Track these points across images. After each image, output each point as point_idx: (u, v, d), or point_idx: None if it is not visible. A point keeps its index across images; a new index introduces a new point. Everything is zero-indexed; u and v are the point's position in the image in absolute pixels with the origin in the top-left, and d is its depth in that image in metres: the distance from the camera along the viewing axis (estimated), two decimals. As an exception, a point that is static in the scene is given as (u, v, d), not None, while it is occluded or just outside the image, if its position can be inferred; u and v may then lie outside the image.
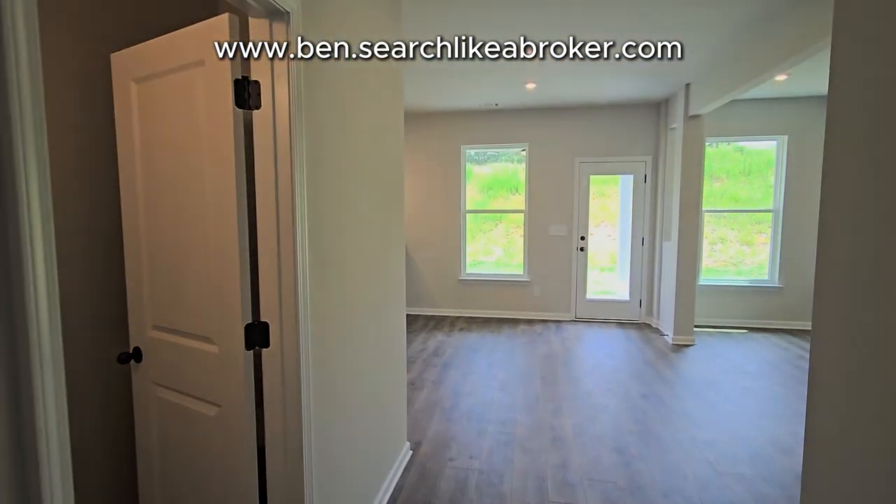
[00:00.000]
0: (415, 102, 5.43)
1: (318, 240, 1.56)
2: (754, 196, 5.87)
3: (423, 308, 6.33)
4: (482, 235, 10.50)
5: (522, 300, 6.08)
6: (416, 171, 6.17)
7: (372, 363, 2.13)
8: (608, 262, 8.93)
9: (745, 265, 5.88)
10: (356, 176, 1.92)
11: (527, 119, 5.85)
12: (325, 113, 1.62)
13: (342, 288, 1.78)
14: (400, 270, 2.59)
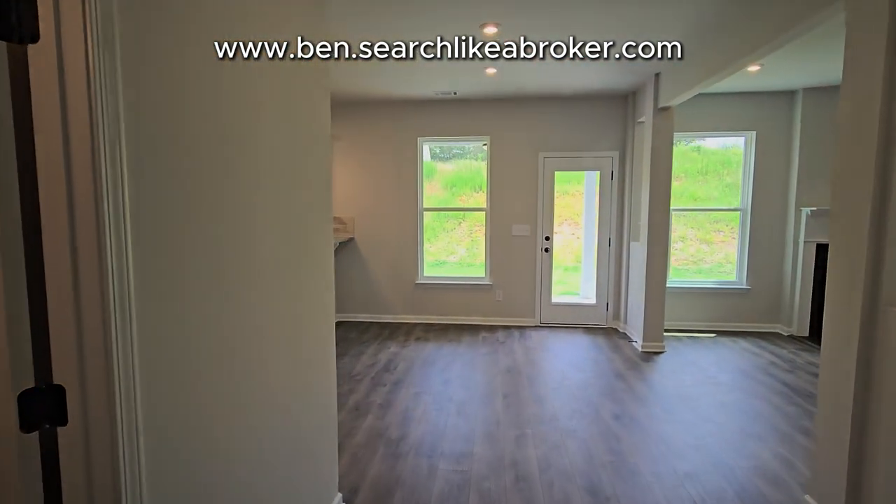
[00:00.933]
0: (363, 88, 4.89)
1: (165, 254, 1.04)
2: (711, 195, 5.72)
3: (377, 315, 5.81)
4: (445, 234, 10.05)
5: (484, 305, 5.67)
6: (367, 165, 5.64)
7: (281, 407, 1.62)
8: (572, 261, 8.68)
9: (706, 263, 5.70)
10: (250, 166, 1.41)
11: (488, 110, 5.43)
12: (178, 71, 1.10)
13: (214, 318, 1.25)
14: (323, 283, 2.08)
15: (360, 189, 5.68)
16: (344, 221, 5.75)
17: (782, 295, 5.23)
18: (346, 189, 5.69)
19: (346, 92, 5.05)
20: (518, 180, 5.47)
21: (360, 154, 5.63)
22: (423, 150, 5.66)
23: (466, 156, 7.38)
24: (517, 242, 5.54)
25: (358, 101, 5.45)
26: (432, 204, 6.82)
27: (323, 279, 2.08)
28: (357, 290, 5.80)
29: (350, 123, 5.59)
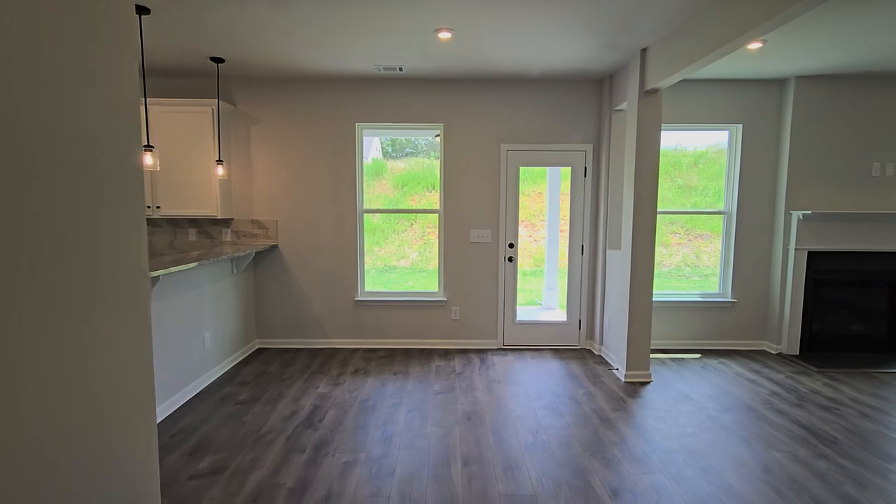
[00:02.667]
0: (286, 59, 3.86)
1: None
2: (665, 196, 5.14)
3: (307, 340, 4.77)
4: (395, 237, 9.04)
5: (438, 325, 4.76)
6: (293, 157, 4.59)
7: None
8: (530, 265, 7.97)
9: (664, 266, 5.10)
10: None
11: (442, 92, 4.53)
12: None
13: None
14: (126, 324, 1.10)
15: (285, 186, 4.62)
16: (264, 226, 4.66)
17: (770, 309, 4.68)
18: (266, 186, 4.61)
19: (265, 65, 3.99)
20: (477, 177, 4.61)
21: (285, 143, 4.57)
22: (363, 139, 4.68)
23: (420, 154, 6.50)
24: (476, 251, 4.68)
25: (280, 76, 4.39)
26: (381, 204, 5.87)
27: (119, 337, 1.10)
28: (281, 310, 4.73)
29: (271, 104, 4.52)
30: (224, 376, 3.92)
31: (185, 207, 4.28)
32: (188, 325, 3.51)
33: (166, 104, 4.18)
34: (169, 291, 3.26)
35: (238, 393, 3.58)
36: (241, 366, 4.20)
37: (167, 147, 4.23)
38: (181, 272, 3.43)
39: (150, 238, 4.63)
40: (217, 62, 3.94)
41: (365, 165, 6.93)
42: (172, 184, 4.26)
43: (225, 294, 4.09)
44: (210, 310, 3.83)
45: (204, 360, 3.72)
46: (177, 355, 3.34)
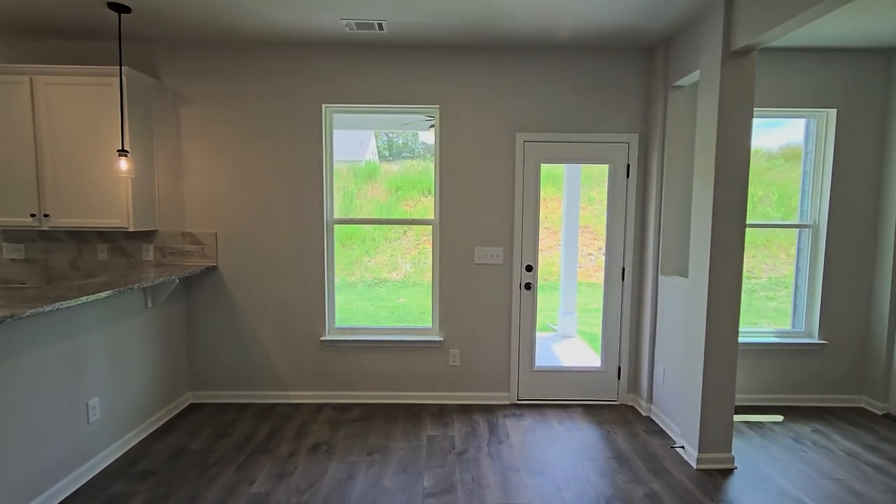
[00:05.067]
0: (225, 12, 2.69)
1: None
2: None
3: (257, 392, 3.58)
4: (388, 245, 7.82)
5: (431, 373, 3.59)
6: (238, 148, 3.42)
7: None
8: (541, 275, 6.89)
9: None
10: None
11: (437, 62, 3.38)
12: None
13: None
14: None
15: (227, 188, 3.44)
16: (199, 240, 3.48)
17: (870, 353, 3.53)
18: (201, 187, 3.44)
19: (190, 18, 2.84)
20: (484, 177, 3.46)
21: (226, 130, 3.40)
22: (331, 125, 3.51)
23: (417, 157, 5.42)
24: (483, 275, 3.52)
25: (215, 37, 3.23)
26: (372, 210, 4.75)
27: None
28: (222, 353, 3.54)
29: (205, 79, 3.36)
30: (122, 459, 2.73)
31: (85, 216, 3.10)
32: (56, 396, 2.32)
33: (55, 73, 3.00)
34: (10, 350, 2.08)
35: (130, 496, 2.38)
36: (158, 436, 3.01)
37: (57, 135, 3.05)
38: (51, 313, 2.25)
39: (44, 257, 3.44)
40: (118, 11, 2.77)
41: (357, 168, 5.74)
42: (66, 184, 3.08)
43: (131, 339, 2.91)
44: (101, 364, 2.65)
45: (86, 443, 2.52)
46: (25, 450, 2.15)
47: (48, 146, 3.05)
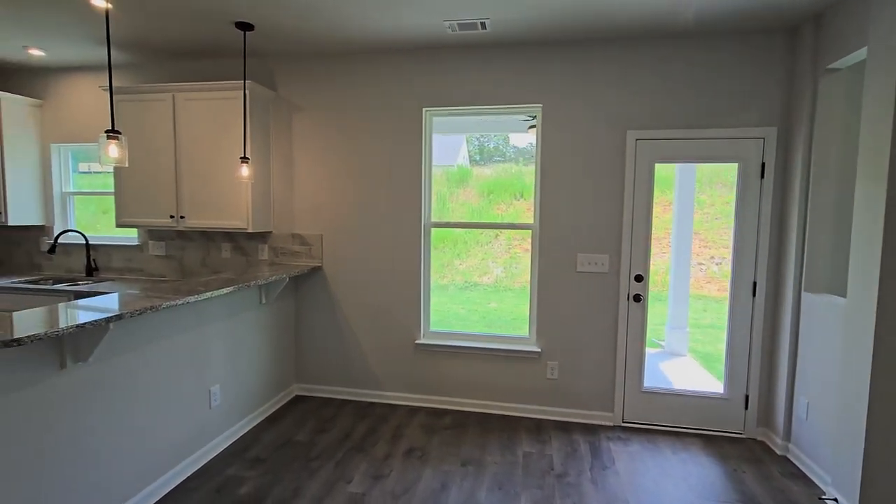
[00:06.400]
0: (320, 17, 2.81)
1: None
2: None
3: (355, 390, 3.68)
4: (479, 249, 7.77)
5: (527, 385, 3.42)
6: (342, 154, 3.55)
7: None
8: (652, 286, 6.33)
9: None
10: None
11: (540, 59, 3.22)
12: None
13: None
14: None
15: (331, 192, 3.59)
16: (306, 241, 3.67)
17: None
18: (310, 191, 3.62)
19: (303, 32, 3.00)
20: (589, 179, 3.22)
21: (332, 137, 3.55)
22: (430, 129, 3.51)
23: (508, 160, 5.33)
24: (585, 284, 3.28)
25: (324, 49, 3.38)
26: (464, 214, 4.73)
27: None
28: (325, 350, 3.70)
29: (314, 87, 3.54)
30: (237, 444, 2.94)
31: (212, 218, 3.42)
32: (185, 381, 2.56)
33: (191, 90, 3.35)
34: (154, 333, 2.32)
35: (242, 481, 2.54)
36: (267, 425, 3.21)
37: (192, 145, 3.40)
38: (183, 305, 2.49)
39: (180, 254, 3.86)
40: (244, 29, 3.01)
41: (449, 172, 5.78)
42: (197, 188, 3.42)
43: (248, 331, 3.13)
44: (223, 354, 2.88)
45: (207, 426, 2.75)
46: (157, 429, 2.39)
47: (184, 155, 3.41)
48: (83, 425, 1.98)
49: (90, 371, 2.01)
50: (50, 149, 4.02)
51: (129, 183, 3.53)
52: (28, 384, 1.76)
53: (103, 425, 2.07)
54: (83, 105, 3.93)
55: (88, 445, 2.00)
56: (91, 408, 2.01)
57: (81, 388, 1.97)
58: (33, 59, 3.74)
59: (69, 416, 1.92)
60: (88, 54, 3.59)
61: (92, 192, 4.15)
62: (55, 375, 1.86)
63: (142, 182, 3.50)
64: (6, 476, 1.69)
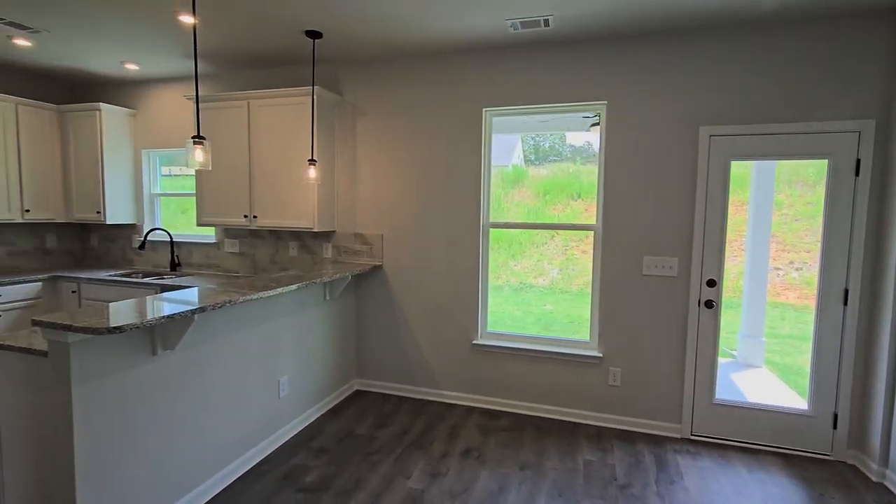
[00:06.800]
0: (383, 21, 2.88)
1: None
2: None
3: (412, 388, 3.74)
4: (534, 250, 7.73)
5: (587, 391, 3.32)
6: (402, 155, 3.62)
7: None
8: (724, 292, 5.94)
9: None
10: None
11: (604, 55, 3.12)
12: None
13: None
14: None
15: (392, 193, 3.67)
16: (367, 241, 3.78)
17: None
18: (371, 192, 3.73)
19: (367, 37, 3.09)
20: (657, 178, 3.08)
21: (393, 139, 3.63)
22: (490, 129, 3.50)
23: (564, 159, 5.22)
24: (652, 288, 3.13)
25: (386, 53, 3.46)
26: (520, 214, 4.67)
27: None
28: (384, 347, 3.79)
29: (377, 91, 3.63)
30: (303, 433, 3.08)
31: (281, 217, 3.60)
32: (257, 371, 2.71)
33: (264, 96, 3.55)
34: (231, 326, 2.48)
35: (307, 470, 2.66)
36: (330, 416, 3.33)
37: (264, 148, 3.60)
38: (256, 300, 2.65)
39: (252, 251, 4.10)
40: (313, 37, 3.15)
41: (504, 172, 5.78)
42: (268, 190, 3.62)
43: (313, 326, 3.27)
44: (291, 347, 3.02)
45: (276, 415, 2.90)
46: (233, 415, 2.55)
47: (257, 158, 3.62)
48: (171, 407, 2.15)
49: (177, 358, 2.18)
50: (141, 154, 4.41)
51: (208, 185, 3.80)
52: (126, 367, 1.94)
53: (189, 408, 2.24)
54: (169, 113, 4.28)
55: (177, 424, 2.18)
56: (177, 391, 2.18)
57: (169, 373, 2.14)
58: (129, 73, 4.12)
59: (158, 398, 2.09)
60: (175, 67, 3.91)
61: (176, 194, 4.50)
62: (148, 361, 2.03)
63: (219, 184, 3.76)
64: (109, 446, 1.87)
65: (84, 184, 4.21)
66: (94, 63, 3.86)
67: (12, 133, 3.91)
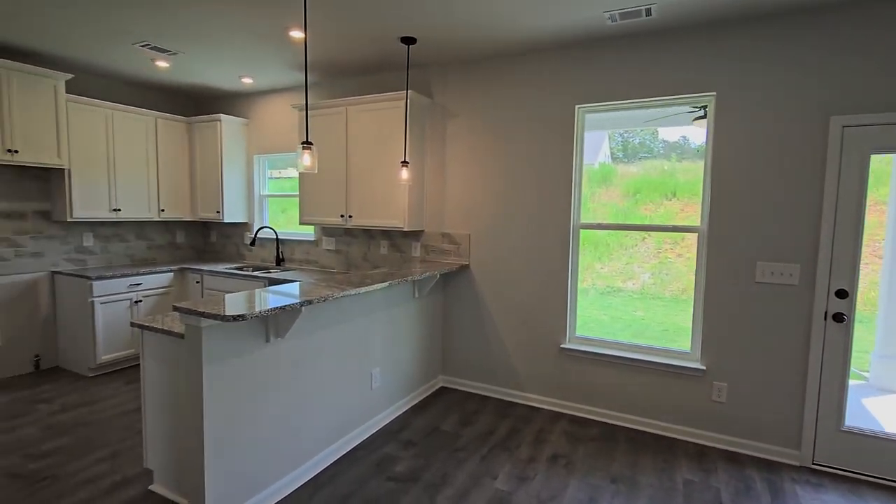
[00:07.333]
0: (475, 20, 2.89)
1: None
2: None
3: (497, 388, 3.74)
4: (623, 252, 7.37)
5: (687, 405, 3.09)
6: (490, 155, 3.62)
7: None
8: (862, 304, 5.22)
9: None
10: None
11: (712, 43, 2.87)
12: None
13: None
14: None
15: (480, 193, 3.69)
16: (455, 240, 3.83)
17: None
18: (460, 192, 3.78)
19: (460, 38, 3.13)
20: (774, 174, 2.77)
21: (482, 139, 3.65)
22: (583, 126, 3.39)
23: (656, 156, 4.90)
24: (766, 296, 2.83)
25: (477, 53, 3.48)
26: (607, 215, 4.48)
27: None
28: (469, 346, 3.82)
29: (467, 92, 3.66)
30: (392, 424, 3.20)
31: (374, 217, 3.78)
32: (352, 362, 2.87)
33: (361, 102, 3.75)
34: (330, 318, 2.66)
35: (397, 460, 2.76)
36: (417, 411, 3.43)
37: (359, 152, 3.80)
38: (350, 297, 2.81)
39: (346, 249, 4.35)
40: (408, 43, 3.26)
41: (590, 170, 5.60)
42: (362, 191, 3.81)
43: (402, 322, 3.39)
44: (382, 341, 3.16)
45: (368, 405, 3.05)
46: (332, 401, 2.72)
47: (352, 160, 3.83)
48: (281, 389, 2.35)
49: (286, 346, 2.37)
50: (253, 159, 4.87)
51: (309, 187, 4.09)
52: (245, 351, 2.15)
53: (296, 391, 2.44)
54: (276, 121, 4.68)
55: (287, 406, 2.37)
56: (286, 376, 2.38)
57: (279, 359, 2.34)
58: (244, 86, 4.56)
59: (270, 381, 2.29)
60: (282, 78, 4.26)
61: (281, 195, 4.91)
62: (262, 347, 2.24)
63: (319, 186, 4.03)
64: (231, 418, 2.09)
65: (206, 186, 4.74)
66: (217, 79, 4.33)
67: (153, 143, 4.51)
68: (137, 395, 3.62)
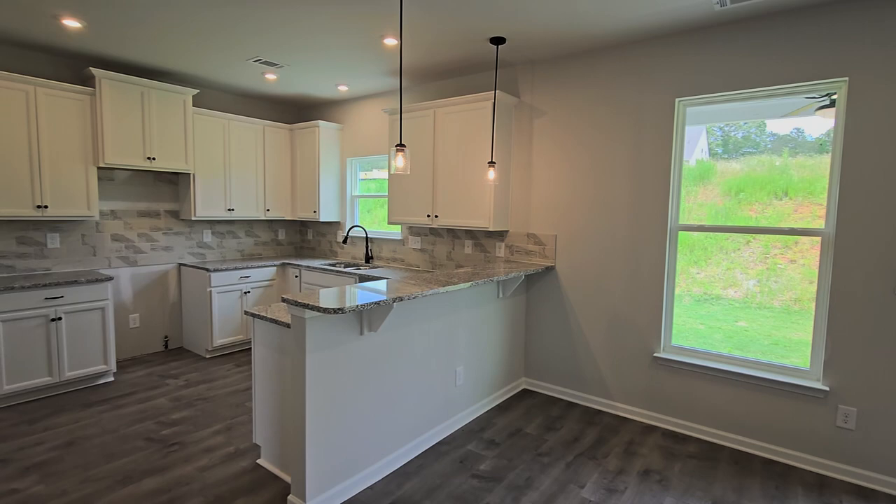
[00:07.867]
0: (567, 15, 2.80)
1: None
2: None
3: (584, 395, 3.61)
4: (722, 257, 6.80)
5: (805, 428, 2.76)
6: (579, 153, 3.50)
7: None
8: None
9: None
10: None
11: (845, 23, 2.53)
12: None
13: None
14: None
15: (567, 193, 3.59)
16: (540, 241, 3.77)
17: None
18: (546, 192, 3.70)
19: (550, 36, 3.07)
20: (926, 169, 2.38)
21: (571, 137, 3.54)
22: (684, 124, 3.16)
23: (762, 151, 4.43)
24: (911, 311, 2.44)
25: (567, 49, 3.38)
26: (705, 216, 4.17)
27: None
28: (553, 349, 3.74)
29: (556, 90, 3.58)
30: (474, 423, 3.23)
31: (459, 217, 3.83)
32: (437, 358, 2.94)
33: (448, 104, 3.82)
34: (417, 315, 2.74)
35: (481, 458, 2.78)
36: (499, 411, 3.43)
37: (446, 152, 3.87)
38: (437, 295, 2.88)
39: (431, 248, 4.46)
40: (497, 43, 3.26)
41: (686, 168, 5.24)
42: (448, 191, 3.88)
43: (486, 322, 3.40)
44: (466, 340, 3.20)
45: (452, 402, 3.10)
46: (419, 395, 2.81)
47: (439, 161, 3.91)
48: (374, 380, 2.47)
49: (379, 339, 2.49)
50: (346, 161, 5.16)
51: (398, 188, 4.25)
52: (342, 343, 2.29)
53: (387, 382, 2.55)
54: (367, 126, 4.92)
55: (379, 396, 2.49)
56: (379, 368, 2.50)
57: (372, 351, 2.46)
58: (340, 94, 4.85)
59: (365, 371, 2.42)
60: (374, 85, 4.47)
61: (372, 195, 5.16)
62: (357, 339, 2.37)
63: (407, 186, 4.17)
64: (330, 403, 2.24)
65: (305, 187, 5.12)
66: (316, 87, 4.65)
67: (261, 149, 4.96)
68: (246, 376, 4.01)
